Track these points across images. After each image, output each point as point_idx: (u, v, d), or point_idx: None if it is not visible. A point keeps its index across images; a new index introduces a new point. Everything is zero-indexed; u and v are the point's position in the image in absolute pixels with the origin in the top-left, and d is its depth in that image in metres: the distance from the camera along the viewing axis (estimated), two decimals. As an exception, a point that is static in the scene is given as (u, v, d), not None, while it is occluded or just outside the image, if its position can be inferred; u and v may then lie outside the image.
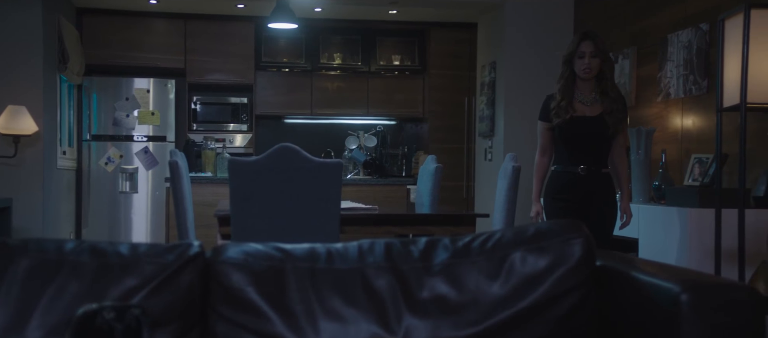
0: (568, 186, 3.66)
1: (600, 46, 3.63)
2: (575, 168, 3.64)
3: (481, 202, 6.81)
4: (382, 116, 8.00)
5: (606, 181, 3.70)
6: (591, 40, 3.63)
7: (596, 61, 3.62)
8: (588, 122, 3.64)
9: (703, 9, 4.67)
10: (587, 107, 3.67)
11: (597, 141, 3.65)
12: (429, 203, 4.18)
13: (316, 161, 2.99)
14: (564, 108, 3.62)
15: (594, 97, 3.68)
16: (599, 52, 3.62)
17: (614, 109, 3.62)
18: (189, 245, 2.02)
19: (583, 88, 3.70)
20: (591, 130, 3.63)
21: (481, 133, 6.79)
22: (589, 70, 3.61)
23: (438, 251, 2.05)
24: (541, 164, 3.82)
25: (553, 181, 3.75)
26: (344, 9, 7.25)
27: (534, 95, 6.26)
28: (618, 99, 3.67)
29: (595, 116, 3.65)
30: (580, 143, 3.64)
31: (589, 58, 3.61)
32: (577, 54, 3.65)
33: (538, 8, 6.33)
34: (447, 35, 7.87)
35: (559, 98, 3.67)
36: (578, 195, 3.65)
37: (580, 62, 3.63)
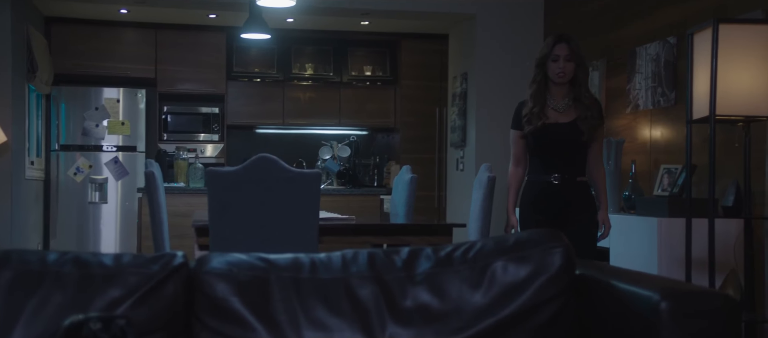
0: (542, 197, 3.50)
1: (575, 49, 3.47)
2: (549, 177, 3.48)
3: (453, 212, 6.86)
4: (353, 126, 8.02)
5: (583, 190, 3.52)
6: (566, 43, 3.46)
7: (570, 65, 3.46)
8: (561, 128, 3.47)
9: (670, 23, 4.77)
10: (560, 113, 3.50)
11: (571, 149, 3.49)
12: (404, 213, 4.22)
13: (294, 172, 3.00)
14: (536, 115, 3.46)
15: (567, 102, 3.51)
16: (574, 56, 3.46)
17: (588, 115, 3.46)
18: (173, 255, 2.02)
19: (556, 93, 3.52)
20: (564, 137, 3.46)
21: (453, 143, 6.84)
22: (563, 74, 3.45)
23: (420, 261, 2.08)
24: (515, 174, 3.64)
25: (527, 192, 3.59)
26: (316, 20, 7.28)
27: (506, 105, 6.32)
28: (592, 105, 3.50)
29: (568, 123, 3.47)
30: (554, 151, 3.48)
31: (564, 62, 3.45)
32: (550, 57, 3.48)
33: (508, 20, 6.41)
34: (418, 46, 7.93)
35: (531, 105, 3.50)
36: (554, 206, 3.48)
37: (553, 66, 3.47)
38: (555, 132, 3.46)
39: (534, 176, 3.55)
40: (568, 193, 3.48)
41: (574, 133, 3.46)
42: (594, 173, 3.58)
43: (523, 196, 3.60)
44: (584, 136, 3.44)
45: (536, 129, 3.44)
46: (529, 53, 6.32)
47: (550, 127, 3.45)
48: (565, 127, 3.46)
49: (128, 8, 6.95)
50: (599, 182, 3.60)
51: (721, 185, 3.91)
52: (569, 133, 3.46)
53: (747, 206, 3.41)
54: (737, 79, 3.22)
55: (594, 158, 3.58)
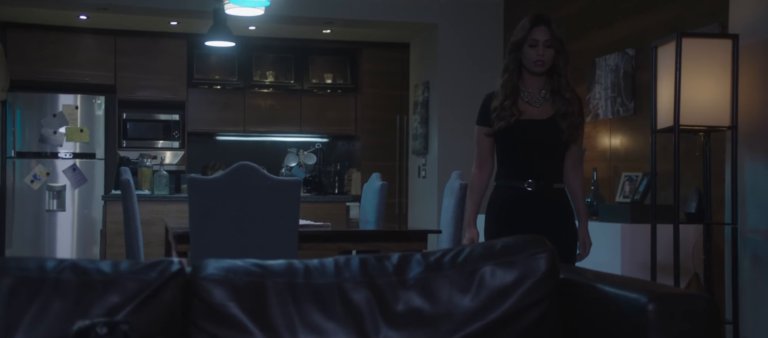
0: (513, 206, 2.99)
1: (556, 33, 2.94)
2: (521, 184, 2.95)
3: (415, 218, 6.95)
4: (314, 133, 8.07)
5: (560, 199, 3.01)
6: (545, 25, 2.94)
7: (550, 52, 2.92)
8: (537, 126, 2.95)
9: (629, 35, 4.93)
10: (536, 108, 2.97)
11: (548, 150, 2.97)
12: (374, 219, 4.28)
13: (274, 180, 3.04)
14: (508, 109, 2.91)
15: (544, 96, 2.98)
16: (555, 41, 2.92)
17: (569, 111, 2.94)
18: (170, 262, 2.05)
19: (531, 84, 2.98)
20: (541, 136, 2.95)
21: (415, 150, 6.93)
22: (542, 62, 2.91)
23: (411, 266, 2.14)
24: (479, 180, 3.09)
25: (494, 200, 3.06)
26: (278, 28, 7.30)
27: (468, 113, 6.43)
28: (573, 100, 2.97)
29: (545, 120, 2.95)
30: (528, 153, 2.96)
31: (543, 48, 2.91)
32: (527, 41, 2.93)
33: (469, 29, 6.54)
34: (379, 55, 8.02)
35: (502, 97, 2.95)
36: (526, 218, 2.97)
37: (531, 52, 2.92)
38: (530, 130, 2.94)
39: (503, 181, 3.02)
40: (543, 203, 2.97)
41: (552, 131, 2.94)
42: (571, 181, 3.06)
43: (489, 205, 3.09)
44: (564, 135, 2.94)
45: (508, 126, 2.92)
46: (489, 63, 6.47)
47: (525, 124, 2.94)
48: (542, 124, 2.95)
49: (88, 14, 6.88)
50: (577, 191, 3.07)
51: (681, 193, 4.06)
52: (547, 131, 2.95)
53: (707, 213, 3.56)
54: (699, 91, 3.37)
55: (572, 163, 3.05)
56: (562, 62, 2.97)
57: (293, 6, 6.02)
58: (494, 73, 7.15)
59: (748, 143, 3.40)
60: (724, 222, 3.53)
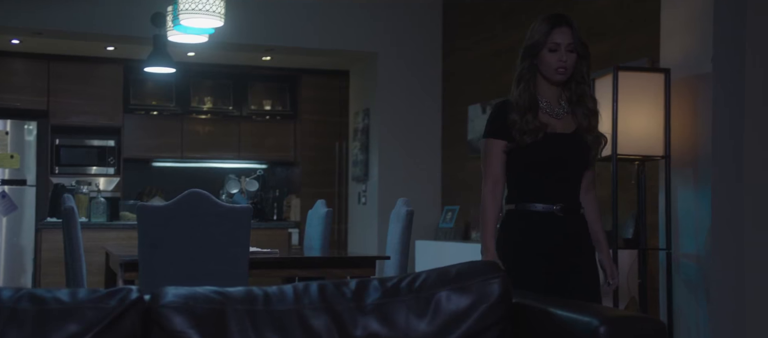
0: (543, 233, 2.60)
1: (578, 35, 2.59)
2: (550, 207, 2.58)
3: (355, 244, 6.98)
4: (253, 159, 8.05)
5: (585, 227, 2.69)
6: (568, 27, 2.58)
7: (573, 58, 2.57)
8: (564, 141, 2.61)
9: (565, 66, 5.10)
10: (559, 120, 2.63)
11: (574, 169, 2.63)
12: (319, 246, 4.31)
13: (225, 207, 3.05)
14: (531, 122, 2.56)
15: (562, 106, 2.64)
16: (578, 45, 2.58)
17: (593, 124, 2.62)
18: (129, 289, 2.05)
19: (548, 94, 2.63)
20: (568, 153, 2.61)
21: (355, 177, 6.99)
22: (564, 69, 2.56)
23: (369, 292, 2.18)
24: (494, 200, 2.66)
25: (511, 224, 2.66)
26: (217, 54, 7.29)
27: (408, 140, 6.56)
28: (596, 111, 2.65)
29: (570, 133, 2.62)
30: (556, 172, 2.60)
31: (566, 53, 2.56)
32: (547, 45, 2.57)
33: (408, 58, 6.65)
34: (319, 82, 8.07)
35: (524, 108, 2.57)
36: (555, 247, 2.60)
37: (551, 58, 2.56)
38: (558, 146, 2.59)
39: (526, 205, 2.62)
40: (571, 230, 2.63)
41: (579, 148, 2.61)
42: (587, 204, 2.71)
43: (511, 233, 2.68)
44: (592, 152, 2.62)
45: (537, 142, 2.56)
46: (429, 90, 6.60)
47: (552, 139, 2.58)
48: (569, 139, 2.61)
49: (20, 39, 6.74)
50: (595, 217, 2.71)
51: (619, 219, 4.21)
52: (574, 147, 2.61)
53: (643, 238, 3.70)
54: (634, 121, 3.52)
55: (587, 185, 2.70)
56: (585, 68, 2.61)
57: (235, 33, 6.03)
58: (435, 100, 7.32)
59: (680, 172, 3.56)
60: (659, 247, 3.68)
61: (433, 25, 6.66)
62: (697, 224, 3.47)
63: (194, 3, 4.47)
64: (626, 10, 4.57)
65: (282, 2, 6.38)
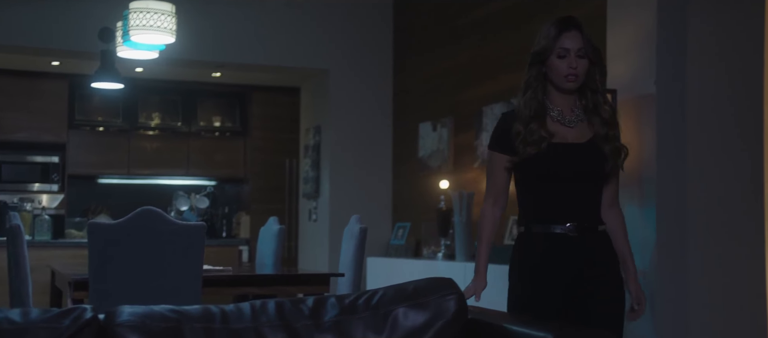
0: (557, 257, 2.39)
1: (590, 39, 2.41)
2: (561, 227, 2.38)
3: (306, 262, 6.97)
4: (202, 176, 7.98)
5: (606, 246, 2.47)
6: (577, 30, 2.41)
7: (584, 64, 2.39)
8: (575, 151, 2.40)
9: (513, 85, 5.19)
10: (570, 129, 2.43)
11: (590, 182, 2.42)
12: (272, 263, 4.30)
13: (179, 224, 3.03)
14: (536, 132, 2.36)
15: (577, 114, 2.45)
16: (589, 49, 2.40)
17: (611, 134, 2.42)
18: (83, 309, 2.02)
19: (560, 101, 2.45)
20: (581, 164, 2.40)
21: (306, 194, 6.98)
22: (574, 76, 2.39)
23: (327, 309, 2.20)
24: (492, 218, 2.51)
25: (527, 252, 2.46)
26: (166, 69, 7.22)
27: (360, 157, 6.59)
28: (614, 121, 2.45)
29: (584, 143, 2.41)
30: (565, 185, 2.39)
31: (575, 58, 2.39)
32: (555, 51, 2.40)
33: (360, 75, 6.69)
34: (269, 98, 8.06)
35: (527, 118, 2.39)
36: (575, 272, 2.40)
37: (560, 64, 2.39)
38: (567, 156, 2.39)
39: (537, 226, 2.42)
40: (589, 251, 2.41)
41: (594, 158, 2.40)
42: (611, 221, 2.50)
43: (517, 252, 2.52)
44: (609, 163, 2.41)
45: (540, 153, 2.36)
46: (380, 107, 6.65)
47: (560, 149, 2.38)
48: (581, 149, 2.40)
49: (-40, 52, 6.59)
50: (620, 235, 2.51)
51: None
52: (587, 158, 2.40)
53: (591, 254, 3.79)
54: (582, 140, 3.61)
55: (610, 199, 2.50)
56: (597, 75, 2.42)
57: (186, 49, 5.99)
58: (386, 117, 7.36)
59: (626, 190, 3.66)
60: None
61: (384, 42, 6.72)
62: (642, 241, 3.56)
63: (145, 19, 4.44)
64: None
65: (233, 19, 6.37)
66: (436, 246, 5.51)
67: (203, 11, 6.22)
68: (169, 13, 4.62)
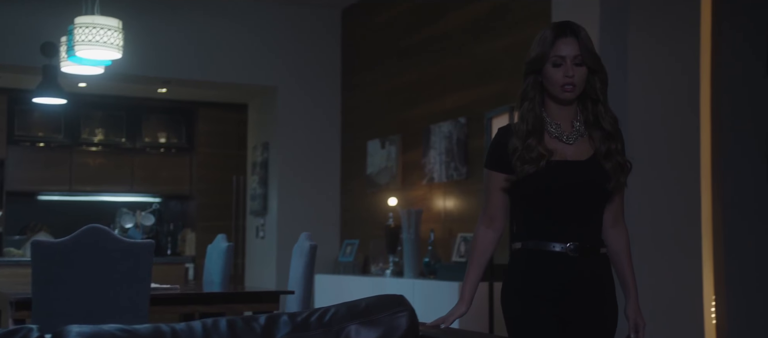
0: (552, 277, 2.21)
1: (588, 46, 2.22)
2: (561, 247, 2.21)
3: (253, 279, 6.92)
4: (146, 193, 7.87)
5: (607, 268, 2.30)
6: (574, 37, 2.22)
7: (582, 72, 2.21)
8: (575, 169, 2.23)
9: (461, 105, 5.27)
10: (570, 145, 2.25)
11: (591, 202, 2.25)
12: (220, 281, 4.26)
13: (126, 242, 2.98)
14: (534, 148, 2.20)
15: (578, 129, 2.26)
16: (588, 57, 2.21)
17: (613, 149, 2.24)
18: (29, 328, 1.98)
19: (559, 115, 2.26)
20: (581, 183, 2.22)
21: (253, 211, 6.94)
22: (572, 86, 2.20)
23: (279, 327, 2.19)
24: (485, 239, 2.34)
25: (522, 269, 2.26)
26: (110, 85, 7.12)
27: (308, 174, 6.58)
28: (617, 132, 2.26)
29: (585, 161, 2.24)
30: (566, 206, 2.22)
31: (572, 67, 2.20)
32: (550, 59, 2.22)
33: (309, 92, 6.69)
34: (216, 115, 8.01)
35: (524, 133, 2.23)
36: (571, 294, 2.22)
37: (556, 73, 2.21)
38: (566, 174, 2.22)
39: (533, 243, 2.25)
40: (587, 274, 2.23)
41: (595, 176, 2.23)
42: (613, 242, 2.33)
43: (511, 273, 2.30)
44: (611, 181, 2.23)
45: (538, 170, 2.20)
46: (329, 123, 6.66)
47: (559, 167, 2.22)
48: (581, 167, 2.23)
49: None
50: (624, 257, 2.34)
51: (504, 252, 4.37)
52: (588, 176, 2.23)
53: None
54: (529, 158, 3.69)
55: (613, 218, 2.32)
56: (598, 84, 2.23)
57: (132, 65, 5.92)
58: (334, 134, 7.36)
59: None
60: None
61: (332, 60, 6.75)
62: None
63: (92, 34, 4.38)
64: (517, 53, 4.77)
65: (181, 35, 6.32)
66: (384, 263, 5.53)
67: (150, 27, 6.16)
68: (116, 28, 4.56)
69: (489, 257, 2.36)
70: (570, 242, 2.22)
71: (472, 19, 5.21)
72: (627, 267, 2.34)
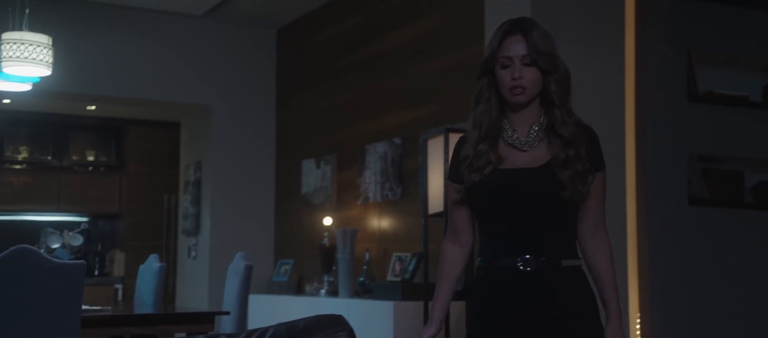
0: (506, 296, 2.05)
1: (538, 45, 2.03)
2: (512, 261, 2.04)
3: (184, 300, 6.81)
4: (73, 212, 7.68)
5: (575, 283, 2.07)
6: (523, 35, 2.04)
7: (532, 73, 2.03)
8: (524, 177, 2.05)
9: (396, 126, 5.33)
10: (524, 152, 2.08)
11: (545, 212, 2.05)
12: (152, 302, 4.19)
13: (57, 263, 2.92)
14: (484, 155, 2.05)
15: (537, 135, 2.08)
16: (538, 56, 2.03)
17: (571, 156, 2.03)
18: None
19: (517, 119, 2.08)
20: (529, 194, 2.04)
21: (185, 231, 6.84)
22: (520, 88, 2.03)
23: (218, 349, 2.19)
24: (451, 255, 2.19)
25: (478, 285, 2.11)
26: (36, 101, 6.94)
27: (242, 193, 6.53)
28: (578, 137, 2.05)
29: (536, 169, 2.05)
30: (515, 216, 2.05)
31: (521, 68, 2.03)
32: (498, 60, 2.05)
33: (243, 111, 6.65)
34: (147, 133, 7.89)
35: (476, 139, 2.07)
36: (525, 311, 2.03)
37: (504, 75, 2.04)
38: (514, 183, 2.05)
39: (488, 258, 2.09)
40: (547, 289, 2.03)
41: (547, 185, 2.03)
42: (590, 254, 2.11)
43: (469, 291, 2.17)
44: (566, 191, 2.02)
45: (484, 179, 2.05)
46: (264, 143, 6.64)
47: (506, 175, 2.06)
48: (531, 174, 2.05)
49: None
50: (602, 270, 2.10)
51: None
52: (539, 185, 2.04)
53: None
54: (463, 179, 3.76)
55: (592, 227, 2.10)
56: (554, 87, 2.04)
57: (59, 81, 5.78)
58: (269, 154, 7.34)
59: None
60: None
61: (267, 79, 6.73)
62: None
63: (20, 50, 4.29)
64: (451, 75, 4.86)
65: (111, 52, 6.22)
66: (319, 283, 5.53)
67: (80, 43, 6.05)
68: (46, 45, 4.47)
69: (457, 273, 2.19)
70: (521, 256, 2.03)
71: (409, 40, 5.28)
72: (605, 283, 2.10)
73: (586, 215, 2.09)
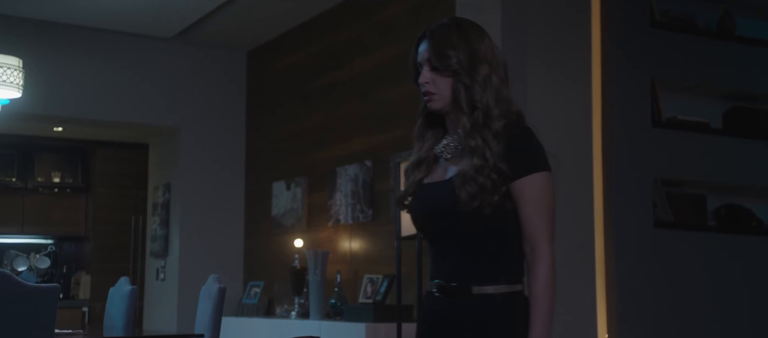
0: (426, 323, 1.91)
1: (437, 43, 1.88)
2: (431, 286, 1.89)
3: (152, 322, 6.77)
4: (39, 234, 7.60)
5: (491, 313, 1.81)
6: (427, 39, 1.92)
7: (436, 78, 1.89)
8: (428, 193, 1.90)
9: (367, 148, 5.39)
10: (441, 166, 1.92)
11: (449, 230, 1.84)
12: (123, 325, 4.17)
13: (29, 286, 2.91)
14: (415, 167, 1.94)
15: (455, 142, 1.90)
16: (441, 60, 1.87)
17: (476, 167, 1.79)
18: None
19: (450, 128, 1.94)
20: (427, 210, 1.89)
21: (154, 252, 6.81)
22: (428, 94, 1.90)
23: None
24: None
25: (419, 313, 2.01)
26: (1, 123, 6.87)
27: (211, 215, 6.52)
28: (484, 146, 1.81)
29: (439, 182, 1.88)
30: (428, 236, 1.92)
31: (427, 72, 1.91)
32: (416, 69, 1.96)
33: (212, 133, 6.66)
34: (114, 154, 7.85)
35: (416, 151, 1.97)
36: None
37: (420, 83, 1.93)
38: (420, 200, 1.90)
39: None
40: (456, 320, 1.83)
41: (443, 201, 1.84)
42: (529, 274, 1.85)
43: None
44: (462, 206, 1.79)
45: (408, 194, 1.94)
46: (234, 165, 6.64)
47: (422, 189, 1.91)
48: (432, 190, 1.89)
49: None
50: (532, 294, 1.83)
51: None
52: (436, 201, 1.86)
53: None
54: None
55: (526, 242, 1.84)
56: (463, 91, 1.84)
57: (26, 103, 5.73)
58: (238, 176, 7.34)
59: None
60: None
61: (237, 101, 6.75)
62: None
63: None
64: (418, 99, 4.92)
65: (79, 73, 6.19)
66: (289, 305, 5.54)
67: (47, 65, 6.02)
68: (17, 67, 4.46)
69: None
70: (436, 279, 1.86)
71: (377, 65, 5.35)
72: (532, 310, 1.81)
73: (522, 229, 1.83)
